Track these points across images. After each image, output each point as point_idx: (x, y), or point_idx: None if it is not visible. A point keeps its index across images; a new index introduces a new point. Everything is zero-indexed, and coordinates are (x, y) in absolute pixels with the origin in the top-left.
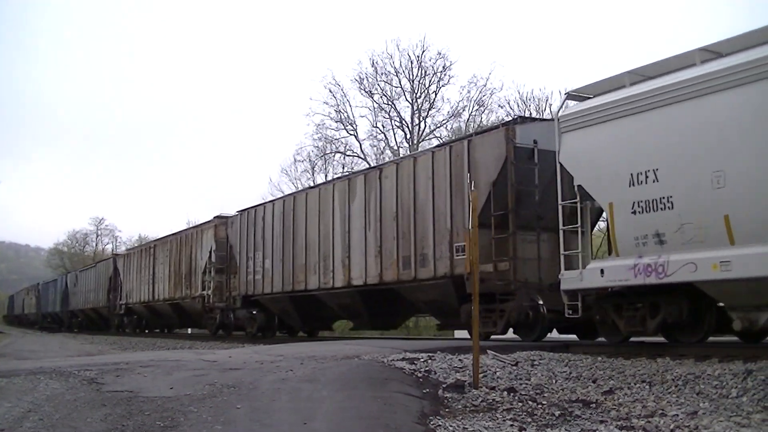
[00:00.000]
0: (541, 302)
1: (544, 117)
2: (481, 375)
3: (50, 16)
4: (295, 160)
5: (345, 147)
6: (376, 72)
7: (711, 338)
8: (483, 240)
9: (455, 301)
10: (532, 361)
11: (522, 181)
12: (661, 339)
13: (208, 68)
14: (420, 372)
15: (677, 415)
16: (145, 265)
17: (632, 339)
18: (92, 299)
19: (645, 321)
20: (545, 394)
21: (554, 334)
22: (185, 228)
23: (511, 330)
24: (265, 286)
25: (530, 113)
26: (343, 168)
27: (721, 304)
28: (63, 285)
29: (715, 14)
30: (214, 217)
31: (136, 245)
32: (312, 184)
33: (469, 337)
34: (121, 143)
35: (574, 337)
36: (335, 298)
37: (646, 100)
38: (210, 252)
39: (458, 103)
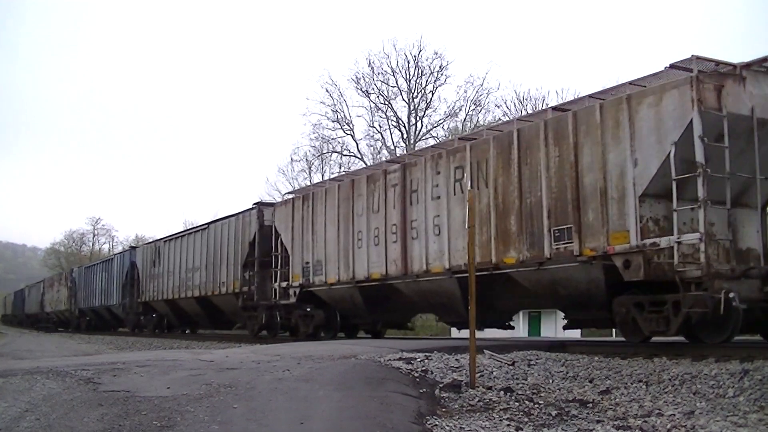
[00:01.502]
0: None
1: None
2: (478, 375)
3: (49, 15)
4: (291, 159)
5: (342, 147)
6: (373, 72)
7: None
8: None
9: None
10: (529, 360)
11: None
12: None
13: (206, 68)
14: (417, 372)
15: (674, 414)
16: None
17: None
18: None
19: None
20: (542, 394)
21: (554, 334)
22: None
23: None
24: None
25: (527, 113)
26: (340, 168)
27: None
28: (127, 266)
29: (714, 13)
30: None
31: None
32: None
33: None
34: (119, 143)
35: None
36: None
37: None
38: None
39: (455, 103)
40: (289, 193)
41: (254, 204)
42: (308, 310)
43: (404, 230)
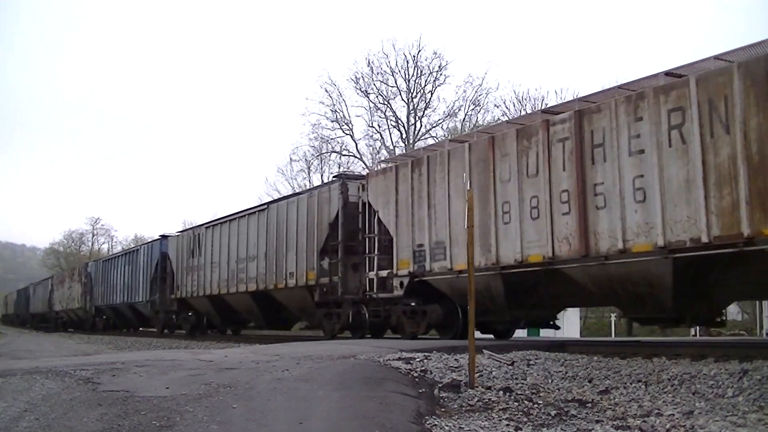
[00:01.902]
0: None
1: None
2: (477, 375)
3: (46, 13)
4: (291, 159)
5: (341, 147)
6: (372, 71)
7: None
8: None
9: None
10: (528, 360)
11: None
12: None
13: (205, 68)
14: (416, 372)
15: (673, 414)
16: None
17: None
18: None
19: None
20: (541, 394)
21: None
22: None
23: None
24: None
25: (526, 112)
26: (339, 168)
27: None
28: (156, 258)
29: (713, 14)
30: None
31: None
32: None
33: None
34: (118, 143)
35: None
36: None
37: None
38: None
39: (454, 103)
40: (386, 160)
41: (335, 177)
42: (415, 305)
43: (582, 197)
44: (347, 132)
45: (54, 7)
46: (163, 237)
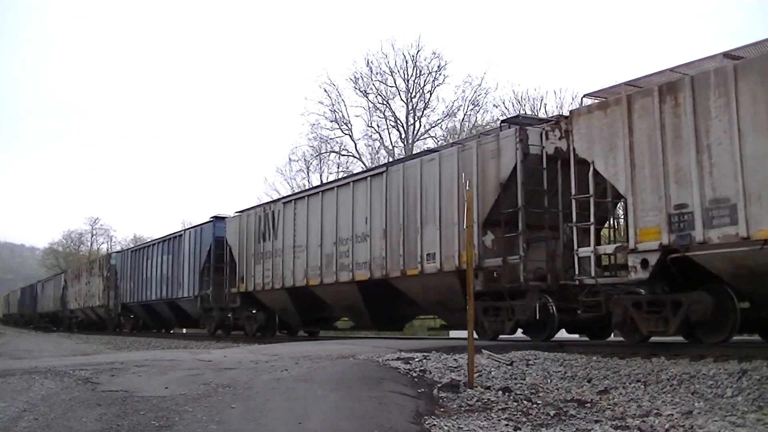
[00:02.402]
0: None
1: None
2: (476, 375)
3: (46, 13)
4: (290, 159)
5: (340, 147)
6: (371, 71)
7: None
8: None
9: None
10: (527, 360)
11: None
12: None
13: (204, 68)
14: (415, 371)
15: (672, 414)
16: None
17: None
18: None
19: None
20: (540, 394)
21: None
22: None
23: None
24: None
25: (525, 113)
26: (338, 168)
27: None
28: (208, 244)
29: (707, 14)
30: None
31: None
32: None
33: None
34: (117, 143)
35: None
36: None
37: None
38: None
39: (453, 103)
40: (597, 92)
41: (503, 121)
42: (661, 293)
43: None
44: (346, 132)
45: (55, 3)
46: (217, 218)
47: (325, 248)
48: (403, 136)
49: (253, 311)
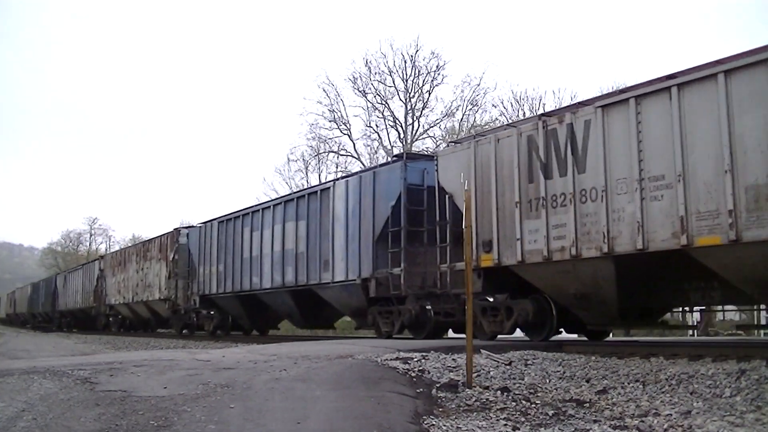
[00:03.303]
0: None
1: None
2: (474, 374)
3: (45, 13)
4: (288, 159)
5: (338, 147)
6: (370, 71)
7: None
8: None
9: None
10: (526, 360)
11: None
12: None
13: (202, 68)
14: (413, 371)
15: (671, 414)
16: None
17: None
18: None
19: None
20: (539, 394)
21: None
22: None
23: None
24: None
25: (524, 113)
26: (337, 167)
27: None
28: (395, 193)
29: (707, 14)
30: (398, 156)
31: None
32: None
33: None
34: (116, 143)
35: None
36: None
37: None
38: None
39: (452, 103)
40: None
41: (395, 156)
42: None
43: None
44: (345, 132)
45: (56, 2)
46: (409, 156)
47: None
48: (401, 135)
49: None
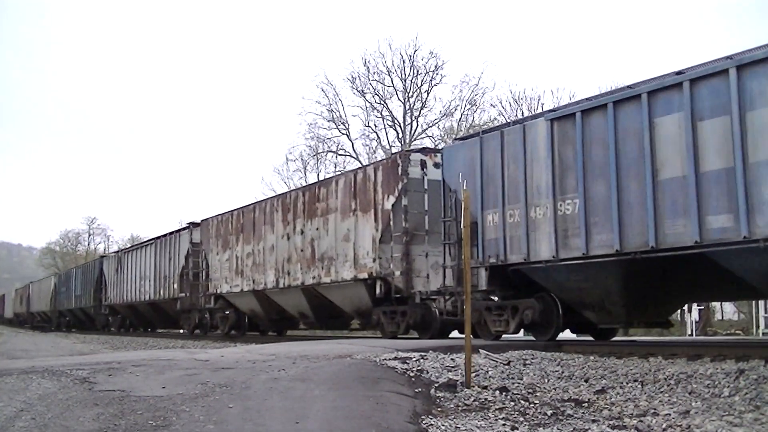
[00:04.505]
0: None
1: None
2: (473, 374)
3: (44, 13)
4: (287, 159)
5: (337, 146)
6: (369, 71)
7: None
8: None
9: None
10: (525, 360)
11: None
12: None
13: (201, 68)
14: (412, 371)
15: (669, 414)
16: None
17: None
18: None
19: None
20: (537, 394)
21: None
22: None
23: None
24: None
25: (522, 113)
26: (335, 167)
27: None
28: None
29: (706, 14)
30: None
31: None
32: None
33: None
34: (115, 143)
35: None
36: None
37: None
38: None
39: (450, 103)
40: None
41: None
42: None
43: None
44: (343, 132)
45: (56, 5)
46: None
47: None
48: (400, 135)
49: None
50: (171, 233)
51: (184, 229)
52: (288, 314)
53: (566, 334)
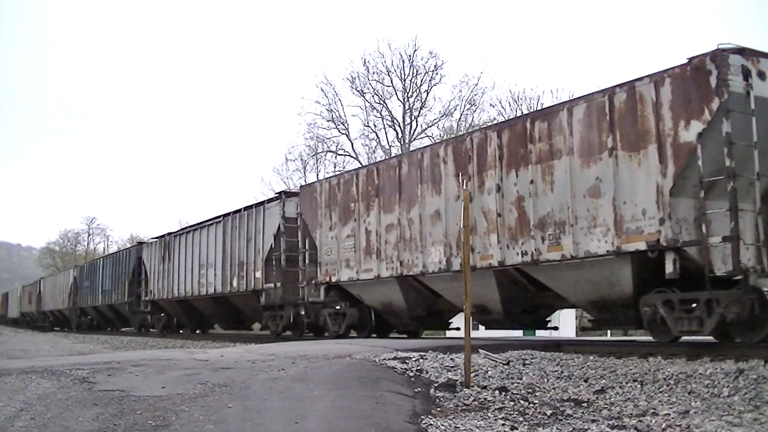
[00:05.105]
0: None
1: None
2: (473, 374)
3: (44, 13)
4: (286, 159)
5: (337, 146)
6: (368, 71)
7: None
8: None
9: None
10: (524, 360)
11: None
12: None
13: (201, 68)
14: (411, 371)
15: (669, 414)
16: None
17: None
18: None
19: None
20: (537, 394)
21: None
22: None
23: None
24: None
25: (521, 112)
26: (335, 167)
27: None
28: None
29: (705, 13)
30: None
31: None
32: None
33: None
34: (115, 143)
35: None
36: None
37: None
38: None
39: (450, 103)
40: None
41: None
42: None
43: None
44: (343, 131)
45: (55, 2)
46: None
47: None
48: (399, 135)
49: None
50: (249, 207)
51: (272, 200)
52: (452, 307)
53: (567, 334)
